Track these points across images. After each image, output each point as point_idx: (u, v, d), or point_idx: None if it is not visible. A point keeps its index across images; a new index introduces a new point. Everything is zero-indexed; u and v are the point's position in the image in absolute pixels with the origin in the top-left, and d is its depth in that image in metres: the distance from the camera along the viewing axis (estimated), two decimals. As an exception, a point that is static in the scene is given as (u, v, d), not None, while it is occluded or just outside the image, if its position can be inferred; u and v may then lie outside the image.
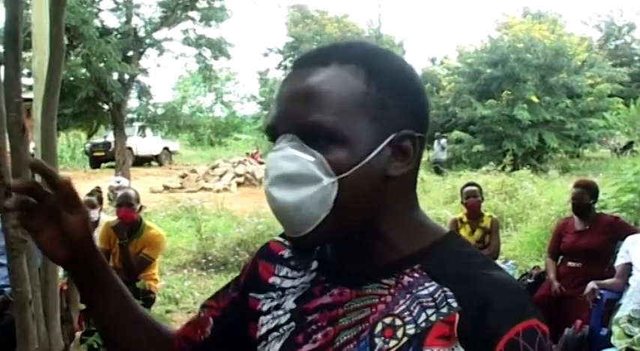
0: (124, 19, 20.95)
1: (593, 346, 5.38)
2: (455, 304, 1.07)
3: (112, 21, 21.14)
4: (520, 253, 10.80)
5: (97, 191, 8.02)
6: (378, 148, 1.11)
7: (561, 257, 6.52)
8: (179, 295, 8.84)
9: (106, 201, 9.54)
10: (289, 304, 1.24)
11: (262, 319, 1.28)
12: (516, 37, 29.72)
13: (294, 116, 1.11)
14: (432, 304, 1.09)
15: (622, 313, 5.13)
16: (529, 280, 6.63)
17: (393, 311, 1.11)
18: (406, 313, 1.10)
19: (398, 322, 1.10)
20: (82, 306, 4.91)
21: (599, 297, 5.62)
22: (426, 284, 1.12)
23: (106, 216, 7.97)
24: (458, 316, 1.06)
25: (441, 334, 1.06)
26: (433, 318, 1.08)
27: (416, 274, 1.14)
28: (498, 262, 7.31)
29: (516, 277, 7.13)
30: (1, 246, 4.90)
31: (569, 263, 6.35)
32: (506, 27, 31.71)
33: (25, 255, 3.51)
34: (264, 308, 1.28)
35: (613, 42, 42.97)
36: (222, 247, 11.02)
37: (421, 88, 1.21)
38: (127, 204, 6.69)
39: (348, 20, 42.74)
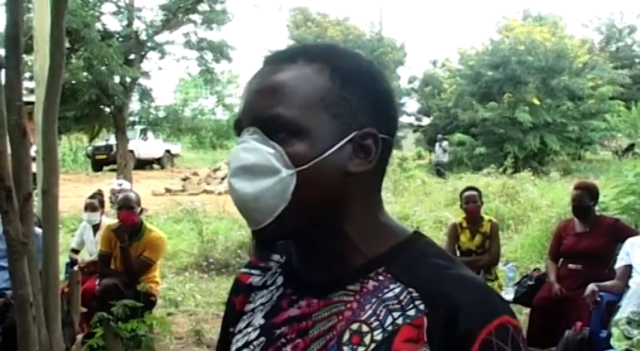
0: (125, 23, 20.95)
1: (593, 348, 5.39)
2: (422, 307, 1.07)
3: (113, 24, 21.16)
4: (521, 255, 10.81)
5: (98, 194, 8.04)
6: (339, 144, 1.11)
7: (562, 259, 6.52)
8: (180, 297, 8.84)
9: (107, 204, 9.56)
10: (258, 320, 1.24)
11: (233, 340, 1.27)
12: (517, 39, 29.70)
13: (257, 110, 1.13)
14: (398, 306, 1.09)
15: (621, 315, 5.14)
16: (530, 283, 6.63)
17: (360, 317, 1.10)
18: (373, 318, 1.10)
19: (365, 328, 1.09)
20: (83, 309, 4.94)
21: (599, 299, 5.63)
22: (391, 286, 1.12)
23: (107, 219, 7.99)
24: (426, 319, 1.06)
25: (408, 338, 1.06)
26: (400, 321, 1.08)
27: (381, 277, 1.14)
28: (499, 264, 7.33)
29: (517, 279, 7.13)
30: (3, 249, 4.92)
31: (570, 265, 6.36)
32: (507, 29, 31.69)
33: (26, 258, 3.52)
34: (236, 331, 1.29)
35: (614, 44, 42.92)
36: (224, 250, 11.03)
37: (388, 91, 1.21)
38: (127, 207, 6.71)
39: (350, 23, 42.73)
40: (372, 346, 1.07)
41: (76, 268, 7.05)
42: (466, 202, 7.27)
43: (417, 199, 16.72)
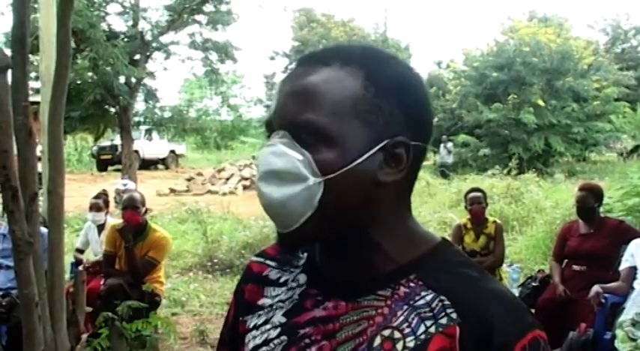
0: (130, 23, 21.01)
1: (597, 350, 5.38)
2: (454, 316, 1.07)
3: (119, 25, 21.24)
4: (525, 256, 10.79)
5: (103, 194, 8.06)
6: (369, 153, 1.09)
7: (566, 261, 6.51)
8: (185, 297, 8.84)
9: (112, 204, 9.57)
10: (278, 317, 1.22)
11: (249, 335, 1.26)
12: (522, 40, 29.64)
13: (288, 114, 1.11)
14: (430, 314, 1.09)
15: (626, 316, 5.13)
16: (534, 284, 6.62)
17: (392, 323, 1.10)
18: (405, 324, 1.09)
19: (397, 334, 1.09)
20: (88, 308, 4.95)
21: (603, 300, 5.62)
22: (423, 293, 1.11)
23: (112, 219, 8.00)
24: (458, 329, 1.06)
25: (440, 347, 1.06)
26: (432, 329, 1.07)
27: (412, 284, 1.13)
28: (503, 265, 7.31)
29: (521, 280, 7.13)
30: (9, 248, 4.94)
31: (574, 267, 6.35)
32: (512, 31, 31.64)
33: (31, 257, 3.53)
34: (251, 325, 1.27)
35: (619, 46, 42.81)
36: (228, 250, 11.03)
37: (424, 97, 1.19)
38: (132, 207, 6.71)
39: (354, 24, 42.76)
40: None
41: (80, 268, 7.06)
42: (471, 203, 7.26)
43: (422, 200, 16.69)
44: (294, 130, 1.10)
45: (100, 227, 7.70)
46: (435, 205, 15.78)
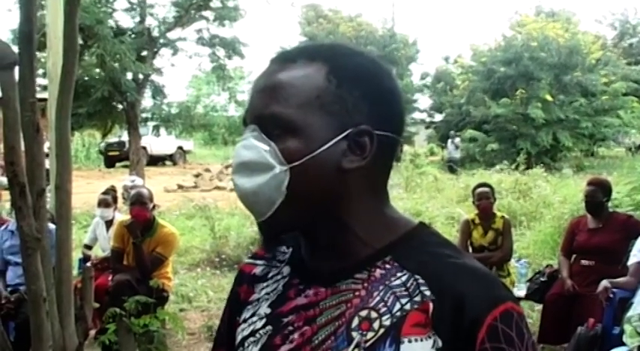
0: (138, 19, 21.01)
1: (605, 345, 5.37)
2: (428, 293, 1.11)
3: (126, 21, 21.21)
4: (533, 251, 10.77)
5: (111, 190, 8.07)
6: (332, 141, 1.15)
7: (574, 255, 6.50)
8: (193, 293, 8.87)
9: (120, 200, 9.59)
10: (264, 309, 1.27)
11: (238, 329, 1.32)
12: (530, 35, 29.60)
13: (257, 108, 1.19)
14: (406, 292, 1.13)
15: (634, 311, 5.12)
16: (542, 279, 6.61)
17: (368, 304, 1.14)
18: (381, 304, 1.13)
19: (373, 314, 1.13)
20: (96, 304, 4.95)
21: (611, 295, 5.61)
22: (398, 274, 1.16)
23: (120, 215, 8.01)
24: (432, 305, 1.10)
25: (416, 322, 1.10)
26: (407, 307, 1.11)
27: (388, 266, 1.17)
28: (512, 260, 7.30)
29: (529, 275, 7.11)
30: (16, 245, 4.95)
31: (583, 261, 6.34)
32: (520, 25, 31.59)
33: (39, 253, 3.53)
34: (240, 320, 1.32)
35: (627, 40, 42.67)
36: (236, 246, 11.05)
37: (392, 89, 1.23)
38: (140, 203, 6.72)
39: (362, 19, 42.66)
40: (382, 331, 1.11)
41: (88, 264, 7.08)
42: (479, 198, 7.26)
43: (429, 195, 16.70)
44: (262, 123, 1.17)
45: (108, 223, 7.72)
46: (443, 200, 15.77)
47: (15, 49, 3.58)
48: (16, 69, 3.49)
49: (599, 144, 32.13)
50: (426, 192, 17.49)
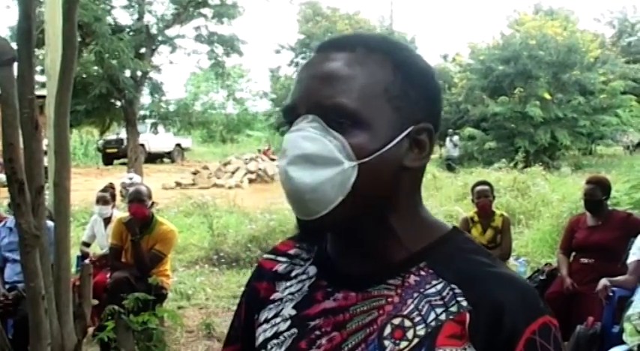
0: (136, 17, 21.03)
1: (604, 344, 5.36)
2: (464, 303, 1.08)
3: (124, 18, 21.26)
4: (532, 249, 10.78)
5: (109, 188, 8.06)
6: (399, 138, 1.10)
7: (574, 254, 6.49)
8: (191, 291, 8.85)
9: (118, 197, 9.58)
10: (288, 310, 1.22)
11: (259, 329, 1.26)
12: (528, 33, 29.61)
13: (316, 97, 1.10)
14: (441, 302, 1.09)
15: (634, 310, 5.11)
16: (541, 277, 6.60)
17: (402, 312, 1.10)
18: (415, 313, 1.09)
19: (407, 322, 1.09)
20: (95, 301, 4.95)
21: (611, 294, 5.60)
22: (434, 282, 1.11)
23: (118, 212, 8.00)
24: (469, 316, 1.06)
25: (451, 333, 1.06)
26: (443, 317, 1.08)
27: (422, 272, 1.13)
28: (510, 258, 7.30)
29: (528, 273, 7.11)
30: (15, 242, 4.94)
31: (582, 260, 6.33)
32: (519, 24, 31.60)
33: (38, 250, 3.52)
34: (261, 319, 1.27)
35: (626, 39, 42.65)
36: (234, 244, 11.05)
37: (439, 85, 1.21)
38: (138, 200, 6.71)
39: (360, 17, 42.75)
40: (415, 341, 1.07)
41: (87, 261, 7.07)
42: (478, 196, 7.26)
43: (428, 193, 16.69)
44: (324, 114, 1.09)
45: (107, 220, 7.71)
46: (442, 199, 15.78)
47: (14, 45, 3.57)
48: (15, 66, 3.48)
49: (598, 142, 32.17)
50: (425, 190, 16.96)
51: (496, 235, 7.17)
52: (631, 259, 5.77)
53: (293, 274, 1.27)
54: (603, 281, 5.62)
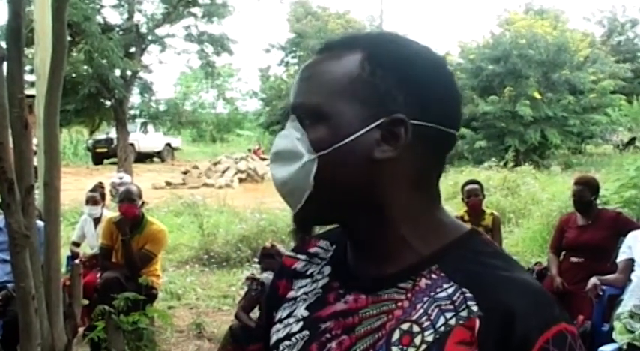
0: (126, 16, 20.99)
1: (594, 342, 5.38)
2: (475, 308, 1.04)
3: (114, 17, 21.25)
4: (522, 248, 10.80)
5: (100, 187, 8.04)
6: (363, 130, 1.10)
7: (564, 253, 6.51)
8: (181, 290, 8.84)
9: (108, 197, 9.56)
10: (301, 311, 1.22)
11: (273, 329, 1.26)
12: (518, 33, 29.65)
13: (294, 98, 1.17)
14: (451, 306, 1.06)
15: (623, 308, 5.14)
16: (531, 276, 6.62)
17: (411, 317, 1.07)
18: (424, 318, 1.06)
19: (416, 328, 1.06)
20: (85, 301, 4.94)
21: (601, 292, 5.63)
22: (445, 286, 1.08)
23: (108, 212, 7.98)
24: (479, 322, 1.02)
25: (460, 340, 1.03)
26: (452, 322, 1.04)
27: (434, 276, 1.10)
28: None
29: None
30: (5, 242, 4.92)
31: (572, 258, 6.34)
32: (508, 23, 31.65)
33: (28, 250, 3.51)
34: (276, 318, 1.27)
35: (615, 38, 42.80)
36: (224, 243, 11.03)
37: (433, 76, 1.15)
38: (128, 200, 6.69)
39: (350, 16, 42.69)
40: (423, 346, 1.04)
41: (77, 261, 7.05)
42: (468, 195, 7.27)
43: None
44: (297, 113, 1.15)
45: (97, 220, 7.69)
46: (432, 198, 15.77)
47: (3, 44, 3.56)
48: (4, 65, 3.47)
49: (587, 141, 32.24)
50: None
51: (486, 234, 7.16)
52: (620, 257, 5.80)
53: (309, 272, 1.27)
54: (593, 280, 5.65)
